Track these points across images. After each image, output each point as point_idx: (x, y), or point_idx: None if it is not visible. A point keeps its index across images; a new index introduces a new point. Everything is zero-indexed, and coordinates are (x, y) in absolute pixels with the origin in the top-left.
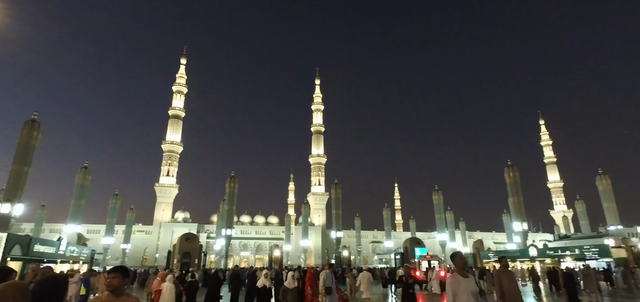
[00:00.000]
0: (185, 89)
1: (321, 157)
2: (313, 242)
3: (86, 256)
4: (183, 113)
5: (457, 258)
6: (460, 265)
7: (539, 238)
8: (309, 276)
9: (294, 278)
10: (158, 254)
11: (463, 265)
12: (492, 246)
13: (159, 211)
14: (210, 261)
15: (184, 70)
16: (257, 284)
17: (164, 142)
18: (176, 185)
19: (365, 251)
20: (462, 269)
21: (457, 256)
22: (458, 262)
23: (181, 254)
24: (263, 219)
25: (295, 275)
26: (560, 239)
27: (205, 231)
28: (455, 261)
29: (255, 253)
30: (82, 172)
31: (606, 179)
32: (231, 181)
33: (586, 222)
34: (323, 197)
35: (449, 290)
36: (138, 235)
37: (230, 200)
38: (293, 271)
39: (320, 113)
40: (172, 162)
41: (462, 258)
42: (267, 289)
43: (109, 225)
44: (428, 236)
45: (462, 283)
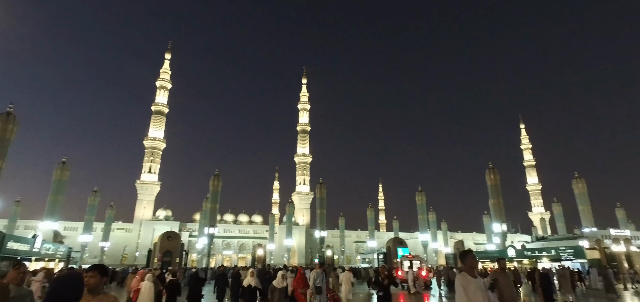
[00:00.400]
0: (169, 85)
1: (306, 156)
2: (297, 242)
3: (62, 254)
4: (166, 109)
5: (469, 258)
6: (471, 265)
7: (517, 239)
8: (298, 276)
9: (283, 277)
10: (138, 253)
11: (474, 265)
12: (473, 247)
13: (140, 208)
14: (192, 260)
15: (168, 66)
16: (243, 283)
17: (146, 138)
18: (158, 182)
19: (348, 250)
20: (472, 270)
21: (469, 255)
22: (469, 262)
23: (162, 253)
24: (247, 218)
25: (284, 274)
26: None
27: (188, 230)
28: (466, 260)
29: (238, 252)
30: (59, 168)
31: (582, 182)
32: (215, 179)
33: (562, 224)
34: (308, 197)
35: (459, 290)
36: (118, 233)
37: (213, 198)
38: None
39: (307, 112)
40: (154, 159)
41: (474, 258)
42: (253, 288)
43: (87, 222)
44: (411, 236)
45: (472, 283)
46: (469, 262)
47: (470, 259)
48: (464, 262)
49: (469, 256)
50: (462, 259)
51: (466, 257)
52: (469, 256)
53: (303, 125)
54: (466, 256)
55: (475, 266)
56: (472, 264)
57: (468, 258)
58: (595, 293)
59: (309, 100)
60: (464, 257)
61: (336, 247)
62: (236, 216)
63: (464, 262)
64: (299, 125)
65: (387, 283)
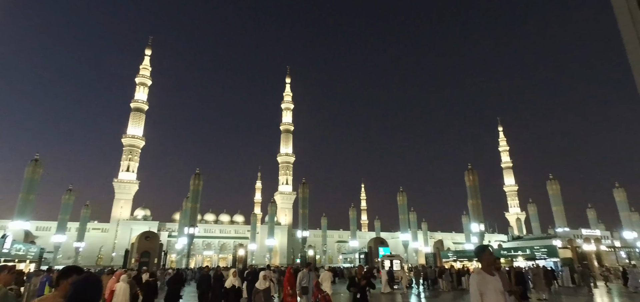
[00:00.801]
0: (149, 81)
1: (290, 156)
2: (279, 242)
3: (34, 254)
4: (146, 106)
5: (486, 254)
6: (489, 262)
7: (494, 239)
8: (287, 276)
9: (266, 278)
10: (115, 253)
11: (492, 262)
12: (452, 246)
13: (117, 207)
14: (171, 260)
15: (148, 62)
16: (226, 284)
17: (125, 135)
18: (136, 181)
19: (330, 250)
20: (489, 267)
21: (486, 251)
22: (486, 259)
23: (140, 253)
24: (228, 218)
25: (267, 275)
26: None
27: (167, 230)
28: (483, 257)
29: (219, 252)
30: (31, 165)
31: (556, 183)
32: (195, 178)
33: (537, 224)
34: (290, 197)
35: (474, 289)
36: (93, 233)
37: (194, 198)
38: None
39: (290, 112)
40: (132, 157)
41: (492, 255)
42: (237, 288)
43: (60, 222)
44: (392, 236)
45: (489, 282)
46: (486, 258)
47: (487, 256)
48: (481, 259)
49: (486, 252)
50: (478, 256)
51: (483, 254)
52: (486, 252)
53: (286, 125)
54: (483, 252)
55: (493, 263)
56: (489, 261)
57: (485, 255)
58: (567, 291)
59: (293, 100)
60: (481, 253)
61: (318, 247)
62: (217, 216)
63: (481, 259)
64: (282, 125)
65: (364, 284)
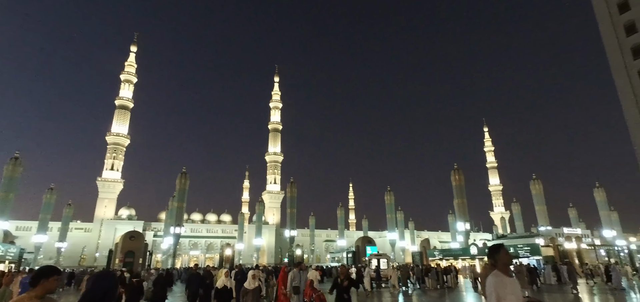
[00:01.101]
0: (134, 79)
1: (278, 155)
2: (266, 241)
3: (13, 255)
4: (131, 104)
5: (502, 253)
6: (506, 261)
7: (479, 238)
8: (282, 275)
9: (255, 278)
10: (98, 254)
11: (509, 262)
12: (438, 245)
13: (101, 207)
14: (156, 260)
15: (134, 59)
16: (217, 284)
17: (109, 133)
18: (121, 180)
19: (318, 249)
20: (506, 267)
21: (501, 250)
22: (503, 258)
23: (124, 253)
24: (215, 217)
25: (255, 274)
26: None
27: (152, 229)
28: (499, 256)
29: (205, 252)
30: (11, 163)
31: (539, 183)
32: (182, 177)
33: (521, 223)
34: (278, 196)
35: (492, 294)
36: (76, 233)
37: (180, 197)
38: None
39: (278, 111)
40: (117, 156)
41: (508, 254)
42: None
43: (41, 221)
44: (379, 235)
45: (507, 284)
46: (502, 258)
47: (503, 255)
48: (496, 259)
49: (502, 251)
50: (492, 255)
51: (498, 253)
52: (502, 251)
53: (275, 124)
54: (498, 251)
55: (510, 262)
56: (506, 261)
57: (500, 254)
58: (549, 288)
59: (281, 99)
60: (495, 252)
61: (306, 246)
62: (204, 215)
63: (496, 259)
64: (270, 124)
65: (347, 284)
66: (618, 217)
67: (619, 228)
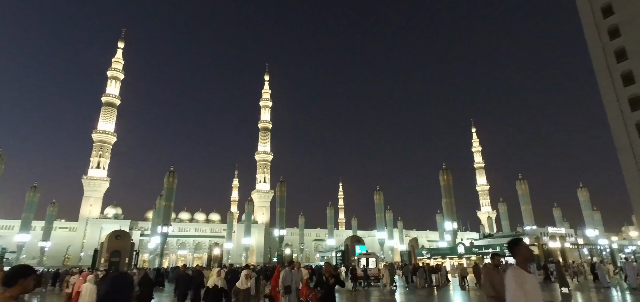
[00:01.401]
0: (121, 75)
1: (267, 154)
2: (255, 240)
3: None
4: (118, 101)
5: (521, 247)
6: (526, 256)
7: (466, 237)
8: (276, 275)
9: (247, 277)
10: (83, 253)
11: (529, 257)
12: (426, 244)
13: (87, 205)
14: (143, 260)
15: (121, 55)
16: (208, 283)
17: (95, 131)
18: (107, 178)
19: (307, 249)
20: (525, 262)
21: (521, 244)
22: (523, 253)
23: (110, 253)
24: (204, 217)
25: (249, 274)
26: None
27: (139, 229)
28: (518, 250)
29: (193, 252)
30: None
31: (524, 183)
32: (170, 176)
33: (507, 222)
34: (268, 195)
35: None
36: (60, 232)
37: (168, 196)
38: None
39: (269, 109)
40: (103, 154)
41: (528, 248)
42: (219, 289)
43: (24, 220)
44: (368, 234)
45: (528, 280)
46: (522, 252)
47: (523, 249)
48: (515, 253)
49: (521, 245)
50: (512, 250)
51: (517, 247)
52: (521, 245)
53: (265, 123)
54: (517, 245)
55: (530, 257)
56: (525, 256)
57: (520, 248)
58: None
59: (272, 98)
60: (515, 246)
61: (295, 245)
62: (192, 214)
63: (515, 253)
64: (260, 123)
65: (333, 282)
66: (600, 217)
67: (602, 228)
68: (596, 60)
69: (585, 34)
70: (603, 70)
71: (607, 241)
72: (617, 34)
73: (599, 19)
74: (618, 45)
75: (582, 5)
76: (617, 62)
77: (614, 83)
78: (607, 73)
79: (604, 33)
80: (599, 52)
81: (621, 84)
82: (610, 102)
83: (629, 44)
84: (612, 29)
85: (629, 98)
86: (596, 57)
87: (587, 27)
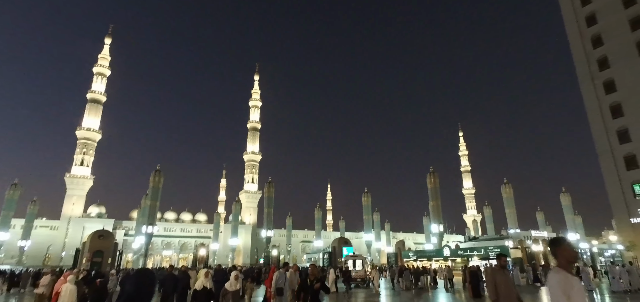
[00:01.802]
0: (108, 72)
1: (256, 154)
2: (242, 241)
3: None
4: (104, 98)
5: (564, 248)
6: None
7: (452, 239)
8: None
9: (237, 278)
10: (64, 253)
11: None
12: (413, 246)
13: (69, 204)
14: (127, 260)
15: (108, 51)
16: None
17: (79, 128)
18: (91, 176)
19: (295, 250)
20: (569, 265)
21: (564, 244)
22: (565, 254)
23: (92, 253)
24: (190, 217)
25: (237, 275)
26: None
27: (123, 228)
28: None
29: (179, 252)
30: None
31: (509, 187)
32: (156, 175)
33: (492, 226)
34: (255, 196)
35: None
36: (41, 231)
37: (153, 195)
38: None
39: (258, 110)
40: (87, 151)
41: (572, 249)
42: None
43: (4, 218)
44: (356, 236)
45: (575, 286)
46: (565, 253)
47: (566, 250)
48: (557, 255)
49: (564, 245)
50: (553, 250)
51: (560, 247)
52: (564, 245)
53: (253, 123)
54: (560, 244)
55: (574, 259)
56: (569, 257)
57: (563, 248)
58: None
59: (261, 98)
60: (557, 246)
61: (283, 246)
62: (178, 214)
63: (557, 255)
64: (249, 123)
65: (318, 286)
66: (582, 221)
67: (583, 231)
68: (579, 68)
69: (570, 42)
70: (586, 77)
71: (588, 244)
72: (600, 43)
73: (582, 27)
74: (601, 53)
75: (567, 14)
76: (599, 70)
77: (597, 91)
78: (589, 81)
79: (588, 41)
80: (582, 60)
81: (603, 92)
82: (593, 109)
83: (611, 52)
84: (595, 37)
85: (610, 105)
86: (580, 65)
87: (571, 35)
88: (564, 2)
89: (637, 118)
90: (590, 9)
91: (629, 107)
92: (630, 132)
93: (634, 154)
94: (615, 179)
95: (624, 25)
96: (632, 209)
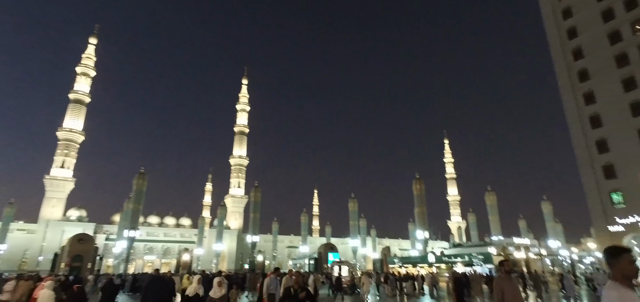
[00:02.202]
0: (92, 72)
1: (243, 159)
2: (227, 246)
3: None
4: (88, 98)
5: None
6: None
7: (437, 246)
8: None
9: (220, 284)
10: (42, 257)
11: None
12: (398, 252)
13: (48, 207)
14: (107, 265)
15: (93, 51)
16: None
17: (61, 129)
18: (72, 179)
19: (280, 255)
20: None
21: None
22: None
23: (71, 257)
24: (174, 221)
25: (221, 281)
26: (454, 247)
27: (105, 232)
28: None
29: (162, 257)
30: None
31: (493, 195)
32: (139, 178)
33: (476, 232)
34: (242, 200)
35: None
36: (18, 234)
37: (136, 198)
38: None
39: (246, 114)
40: (69, 153)
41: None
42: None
43: None
44: (342, 242)
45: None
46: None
47: (626, 264)
48: (615, 267)
49: (625, 258)
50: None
51: (618, 258)
52: (625, 258)
53: (241, 127)
54: (618, 256)
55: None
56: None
57: (621, 261)
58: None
59: (249, 102)
60: (615, 257)
61: (268, 252)
62: (162, 218)
63: (615, 267)
64: (236, 126)
65: (304, 295)
66: (562, 229)
67: (563, 239)
68: (561, 80)
69: (552, 55)
70: (567, 89)
71: (568, 252)
72: (581, 55)
73: (564, 41)
74: (581, 66)
75: (550, 28)
76: (580, 82)
77: (577, 102)
78: (570, 92)
79: (569, 54)
80: (564, 72)
81: (583, 102)
82: (573, 119)
83: (591, 64)
84: (576, 50)
85: (590, 116)
86: (561, 77)
87: (553, 48)
88: (546, 15)
89: (615, 129)
90: (572, 23)
91: (608, 118)
92: (608, 142)
93: (612, 163)
94: (594, 188)
95: (603, 39)
96: (610, 217)
